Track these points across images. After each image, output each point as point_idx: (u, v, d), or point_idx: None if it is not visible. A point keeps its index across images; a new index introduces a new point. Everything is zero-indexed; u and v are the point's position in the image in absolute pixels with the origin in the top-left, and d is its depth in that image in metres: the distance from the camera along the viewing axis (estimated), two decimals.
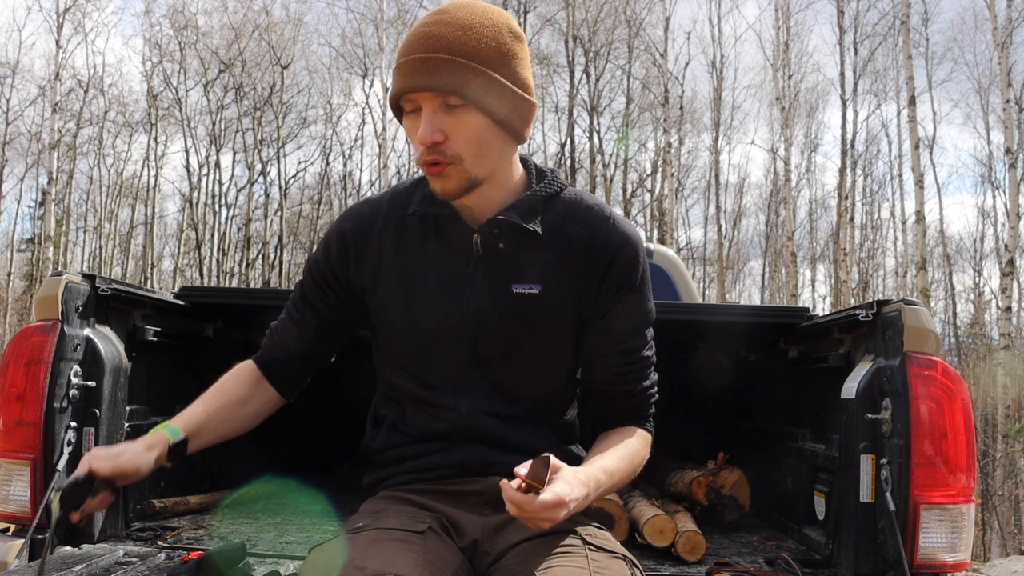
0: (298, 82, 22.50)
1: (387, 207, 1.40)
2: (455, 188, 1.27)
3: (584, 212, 1.36)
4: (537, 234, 1.32)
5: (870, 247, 23.53)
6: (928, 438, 1.68)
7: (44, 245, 18.56)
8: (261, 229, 22.70)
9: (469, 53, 1.21)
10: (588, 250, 1.34)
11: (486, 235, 1.32)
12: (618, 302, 1.35)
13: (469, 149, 1.24)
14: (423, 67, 1.21)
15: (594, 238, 1.34)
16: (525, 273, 1.32)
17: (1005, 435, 15.17)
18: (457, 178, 1.26)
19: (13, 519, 1.78)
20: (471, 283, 1.33)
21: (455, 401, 1.33)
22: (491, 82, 1.23)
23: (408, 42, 1.25)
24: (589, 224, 1.35)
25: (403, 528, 1.21)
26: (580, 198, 1.38)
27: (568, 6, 19.60)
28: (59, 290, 1.81)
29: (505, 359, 1.34)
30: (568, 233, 1.34)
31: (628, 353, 1.38)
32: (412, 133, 1.26)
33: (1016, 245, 14.77)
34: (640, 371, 1.40)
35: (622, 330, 1.36)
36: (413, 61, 1.22)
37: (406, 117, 1.28)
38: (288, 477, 2.48)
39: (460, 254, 1.34)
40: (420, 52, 1.22)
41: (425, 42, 1.22)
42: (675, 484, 2.47)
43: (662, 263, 4.08)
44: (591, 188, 19.73)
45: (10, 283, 23.26)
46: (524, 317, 1.32)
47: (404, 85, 1.23)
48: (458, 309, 1.33)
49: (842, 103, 19.11)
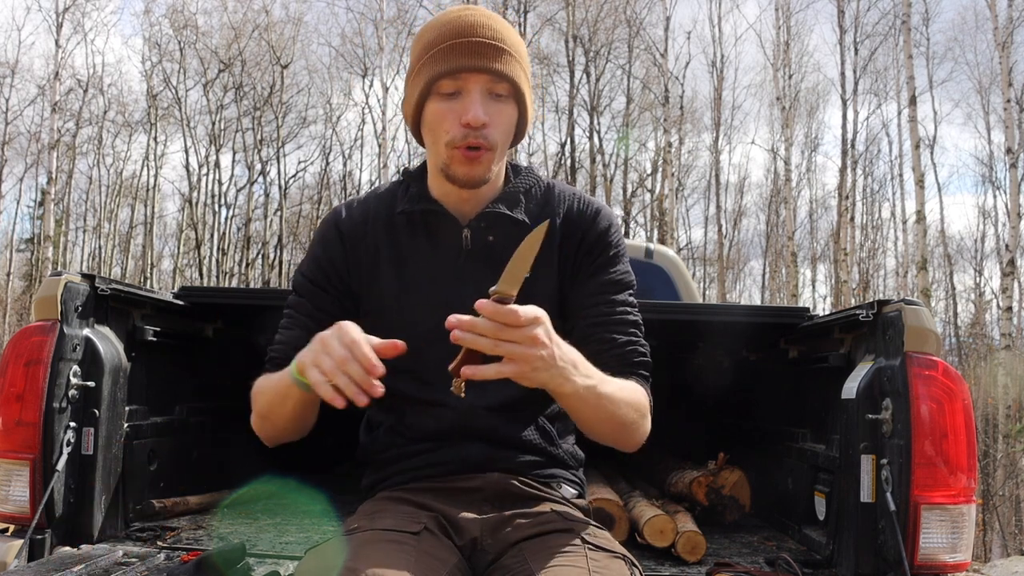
0: (298, 82, 22.54)
1: (374, 208, 1.41)
2: (482, 175, 1.30)
3: (558, 197, 1.42)
4: (525, 223, 1.35)
5: (871, 247, 23.54)
6: (929, 438, 1.67)
7: (43, 245, 18.58)
8: (261, 229, 22.72)
9: (516, 49, 1.29)
10: (562, 229, 1.38)
11: (475, 229, 1.35)
12: (592, 264, 1.38)
13: (502, 139, 1.30)
14: (481, 50, 1.25)
15: (568, 217, 1.39)
16: None
17: (1006, 435, 15.17)
18: (486, 166, 1.29)
19: (13, 519, 1.78)
20: (463, 277, 1.34)
21: (455, 398, 1.33)
22: (527, 80, 1.31)
23: (454, 26, 1.27)
24: (562, 205, 1.41)
25: (398, 529, 1.21)
26: (554, 186, 1.44)
27: (568, 6, 19.59)
28: (58, 290, 1.81)
29: None
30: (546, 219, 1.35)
31: (607, 304, 1.36)
32: (446, 116, 1.27)
33: (1017, 245, 14.76)
34: (623, 325, 1.36)
35: (598, 287, 1.37)
36: (469, 43, 1.25)
37: (439, 100, 1.28)
38: (288, 477, 2.48)
39: (451, 250, 1.36)
40: (476, 36, 1.25)
41: (478, 29, 1.26)
42: (675, 484, 2.46)
43: (662, 263, 4.07)
44: (591, 188, 19.73)
45: (9, 283, 23.27)
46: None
47: (458, 64, 1.25)
48: (453, 305, 1.32)
49: (842, 103, 19.13)
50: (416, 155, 22.71)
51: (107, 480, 1.89)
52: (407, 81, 1.37)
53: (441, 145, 1.29)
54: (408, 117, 1.37)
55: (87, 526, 1.83)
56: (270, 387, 1.30)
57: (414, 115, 1.35)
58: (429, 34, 1.30)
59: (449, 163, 1.30)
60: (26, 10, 39.73)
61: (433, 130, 1.30)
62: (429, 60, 1.28)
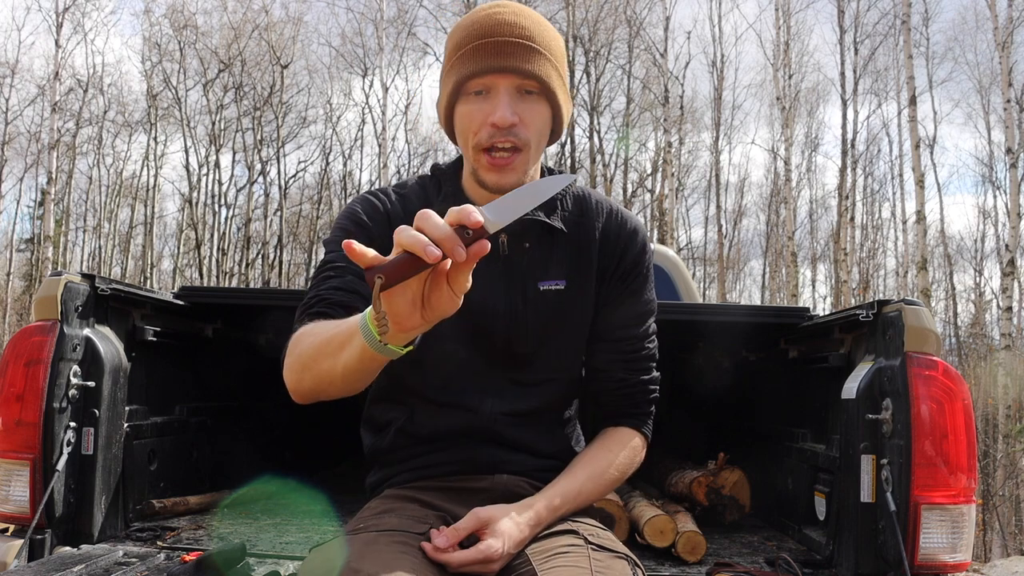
0: (298, 82, 22.52)
1: (413, 204, 1.36)
2: (514, 181, 1.27)
3: (594, 207, 1.41)
4: (561, 231, 1.35)
5: (871, 247, 23.53)
6: (929, 438, 1.67)
7: (43, 245, 18.56)
8: (261, 229, 22.69)
9: (547, 46, 1.28)
10: (601, 243, 1.38)
11: (512, 235, 1.34)
12: (624, 290, 1.39)
13: (534, 138, 1.28)
14: (509, 49, 1.24)
15: (606, 232, 1.39)
16: (551, 270, 1.36)
17: (1006, 435, 15.17)
18: (518, 171, 1.27)
19: (13, 519, 1.78)
20: (500, 283, 1.34)
21: (479, 401, 1.34)
22: (560, 77, 1.29)
23: (481, 26, 1.27)
24: (600, 218, 1.40)
25: (402, 530, 1.21)
26: (587, 194, 1.43)
27: (568, 6, 19.59)
28: (58, 290, 1.81)
29: (534, 356, 1.35)
30: (584, 228, 1.38)
31: (630, 340, 1.40)
32: (474, 117, 1.26)
33: (1017, 245, 14.76)
34: (641, 362, 1.41)
35: (626, 317, 1.39)
36: (495, 43, 1.24)
37: (468, 101, 1.28)
38: (288, 477, 2.48)
39: (487, 255, 1.33)
40: (502, 36, 1.25)
41: (505, 28, 1.25)
42: (675, 484, 2.46)
43: (662, 263, 4.07)
44: (591, 188, 19.70)
45: (9, 283, 23.26)
46: (552, 313, 1.35)
47: (485, 65, 1.24)
48: (490, 310, 1.33)
49: (843, 103, 19.13)
50: (416, 155, 22.73)
51: (107, 480, 1.89)
52: (440, 82, 1.36)
53: (470, 148, 1.29)
54: (442, 119, 1.36)
55: (87, 526, 1.83)
56: (321, 333, 1.12)
57: (447, 117, 1.33)
58: (458, 34, 1.30)
59: (477, 168, 1.29)
60: (26, 10, 39.72)
61: (463, 133, 1.29)
62: (457, 61, 1.28)
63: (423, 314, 0.93)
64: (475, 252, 0.89)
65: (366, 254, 0.89)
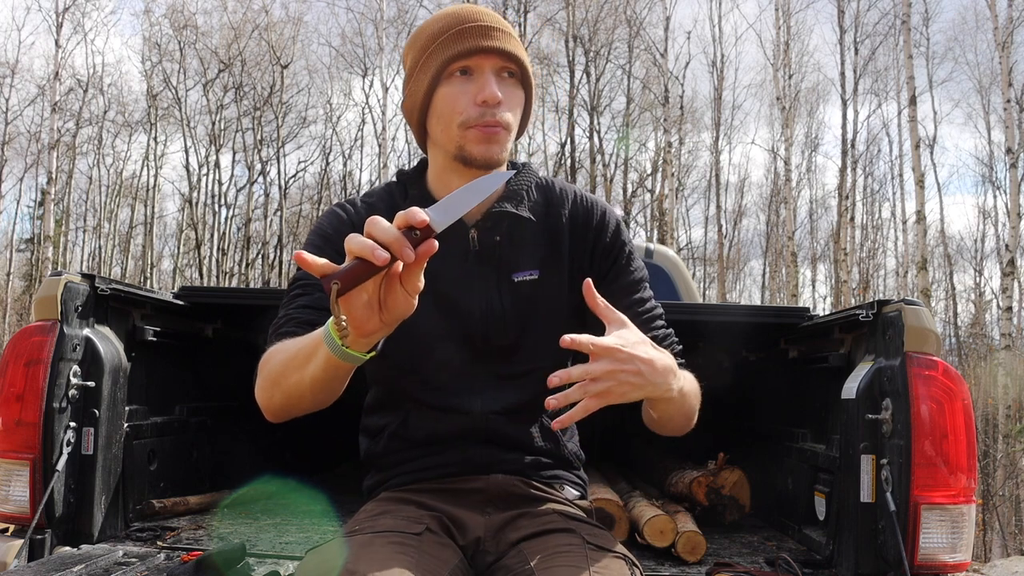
0: (298, 82, 22.51)
1: (379, 210, 1.37)
2: (498, 155, 1.30)
3: (559, 194, 1.43)
4: (531, 221, 1.37)
5: (871, 247, 23.53)
6: (929, 438, 1.67)
7: (43, 245, 18.55)
8: (261, 229, 22.69)
9: (518, 39, 1.33)
10: (570, 229, 1.40)
11: (482, 230, 1.35)
12: (613, 265, 1.41)
13: (514, 121, 1.32)
14: (491, 33, 1.28)
15: (573, 217, 1.41)
16: (523, 261, 1.37)
17: (1006, 435, 15.16)
18: (502, 145, 1.30)
19: (13, 519, 1.78)
20: (473, 278, 1.35)
21: (468, 401, 1.34)
22: (529, 68, 1.34)
23: (459, 15, 1.30)
24: (566, 205, 1.42)
25: (399, 531, 1.21)
26: (551, 183, 1.45)
27: (568, 6, 19.59)
28: (58, 290, 1.81)
29: (515, 348, 1.36)
30: (551, 216, 1.40)
31: (637, 304, 1.40)
32: (459, 97, 1.28)
33: (1017, 245, 14.76)
34: (652, 320, 1.41)
35: (624, 288, 1.40)
36: (482, 26, 1.28)
37: (451, 83, 1.29)
38: (288, 477, 2.48)
39: (458, 251, 1.35)
40: (488, 21, 1.29)
41: (485, 16, 1.30)
42: (675, 484, 2.46)
43: (662, 263, 4.07)
44: (591, 188, 19.72)
45: (9, 283, 23.26)
46: (528, 304, 1.36)
47: (472, 45, 1.27)
48: (466, 306, 1.34)
49: (843, 103, 19.12)
50: (417, 154, 22.70)
51: (107, 480, 1.89)
52: (407, 82, 1.36)
53: (455, 128, 1.29)
54: (411, 116, 1.36)
55: (87, 526, 1.83)
56: (289, 349, 1.16)
57: (420, 109, 1.33)
58: (433, 26, 1.32)
59: (464, 144, 1.29)
60: (26, 10, 39.73)
61: (445, 114, 1.30)
62: (438, 47, 1.29)
63: (381, 317, 0.97)
64: (423, 252, 0.92)
65: (317, 263, 0.92)
